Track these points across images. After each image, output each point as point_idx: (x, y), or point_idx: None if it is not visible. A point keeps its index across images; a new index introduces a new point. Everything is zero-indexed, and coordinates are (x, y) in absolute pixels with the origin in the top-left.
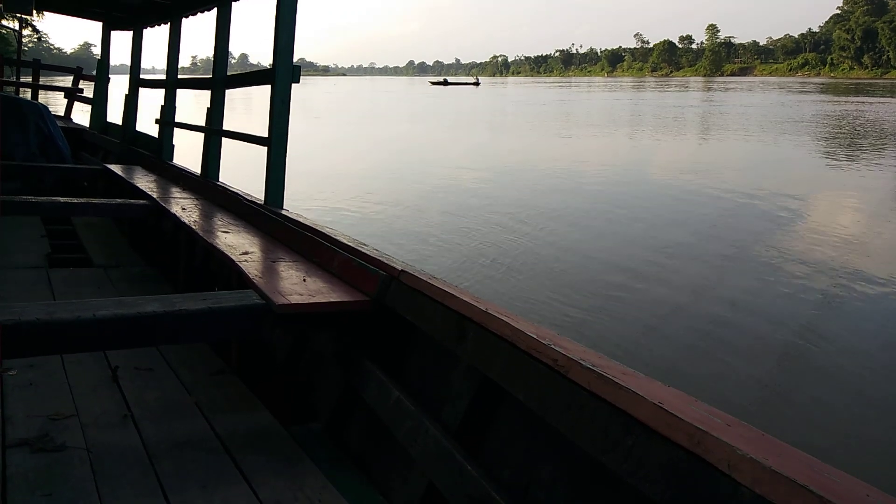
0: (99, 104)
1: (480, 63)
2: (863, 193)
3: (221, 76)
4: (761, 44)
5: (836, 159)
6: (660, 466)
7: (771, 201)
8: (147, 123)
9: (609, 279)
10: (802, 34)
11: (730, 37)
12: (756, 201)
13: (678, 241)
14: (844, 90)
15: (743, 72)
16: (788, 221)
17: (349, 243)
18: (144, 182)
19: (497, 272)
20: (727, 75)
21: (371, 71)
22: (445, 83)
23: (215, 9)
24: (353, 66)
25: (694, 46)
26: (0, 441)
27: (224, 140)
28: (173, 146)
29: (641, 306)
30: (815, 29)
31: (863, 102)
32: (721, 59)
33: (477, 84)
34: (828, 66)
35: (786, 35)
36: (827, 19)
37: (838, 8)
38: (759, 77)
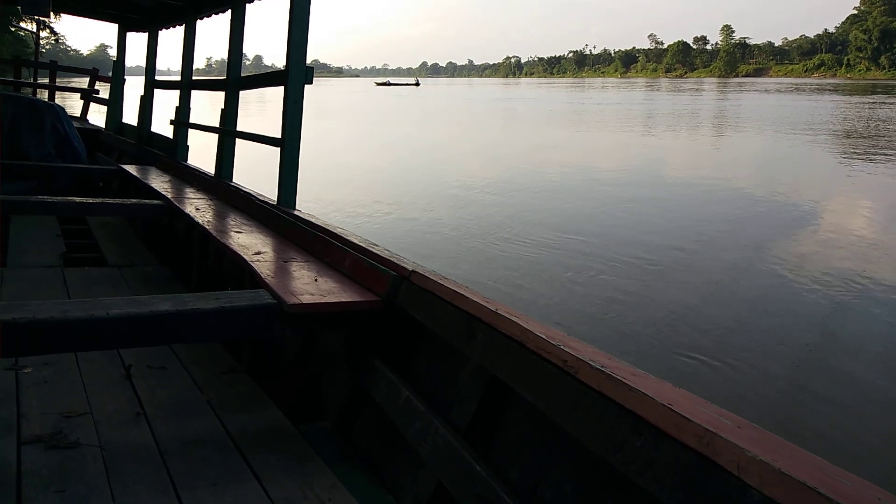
0: (114, 105)
1: (494, 64)
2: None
3: (235, 78)
4: (776, 44)
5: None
6: (668, 467)
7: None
8: (162, 124)
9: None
10: (818, 35)
11: (745, 37)
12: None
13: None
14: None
15: (758, 73)
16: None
17: (360, 244)
18: (159, 182)
19: None
20: (742, 76)
21: (384, 72)
22: (388, 84)
23: (229, 10)
24: (366, 67)
25: (708, 47)
26: (15, 438)
27: (238, 141)
28: (187, 147)
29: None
30: (832, 29)
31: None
32: (736, 59)
33: (417, 84)
34: (844, 66)
35: (801, 36)
36: (843, 20)
37: (855, 8)
38: (774, 78)
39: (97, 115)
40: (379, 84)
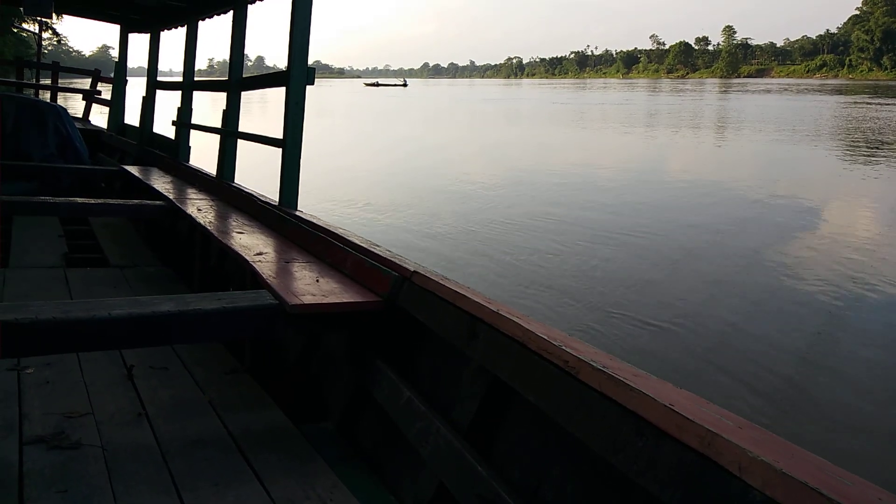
0: (116, 106)
1: (495, 65)
2: None
3: (237, 78)
4: (778, 45)
5: None
6: (670, 468)
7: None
8: (164, 125)
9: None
10: (820, 35)
11: (746, 38)
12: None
13: None
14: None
15: (760, 73)
16: None
17: (362, 244)
18: (161, 183)
19: None
20: (744, 77)
21: (386, 73)
22: (377, 84)
23: (231, 11)
24: (368, 68)
25: (710, 48)
26: (17, 438)
27: (240, 142)
28: (189, 147)
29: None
30: (834, 30)
31: None
32: (738, 60)
33: (405, 85)
34: (846, 67)
35: (803, 36)
36: (845, 20)
37: (857, 8)
38: (776, 79)
39: (99, 116)
40: (367, 84)
